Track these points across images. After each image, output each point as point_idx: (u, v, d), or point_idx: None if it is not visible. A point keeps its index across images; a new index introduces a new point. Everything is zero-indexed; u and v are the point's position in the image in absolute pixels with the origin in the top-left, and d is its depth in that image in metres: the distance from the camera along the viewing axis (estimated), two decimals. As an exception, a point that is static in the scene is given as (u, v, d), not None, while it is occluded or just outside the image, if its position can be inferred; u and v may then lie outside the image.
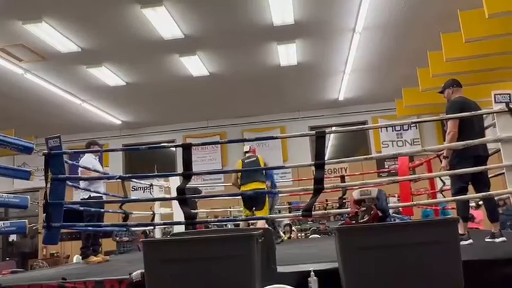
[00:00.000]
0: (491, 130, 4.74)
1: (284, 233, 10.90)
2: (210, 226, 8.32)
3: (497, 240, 4.10)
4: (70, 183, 4.83)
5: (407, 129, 13.02)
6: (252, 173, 6.54)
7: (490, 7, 5.82)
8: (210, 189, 11.39)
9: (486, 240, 4.21)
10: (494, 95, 3.84)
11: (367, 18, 7.76)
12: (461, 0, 6.61)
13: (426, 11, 7.67)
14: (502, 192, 3.97)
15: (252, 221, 6.57)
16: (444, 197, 6.06)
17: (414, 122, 4.60)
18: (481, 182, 4.30)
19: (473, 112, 4.14)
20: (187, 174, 3.94)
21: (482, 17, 5.95)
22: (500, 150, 3.87)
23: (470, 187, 4.41)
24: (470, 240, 4.13)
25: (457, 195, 4.23)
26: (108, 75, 9.75)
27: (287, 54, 9.27)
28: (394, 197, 8.36)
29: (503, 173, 3.89)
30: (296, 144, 12.42)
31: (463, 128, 4.27)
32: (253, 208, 6.51)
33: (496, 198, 4.94)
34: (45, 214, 4.04)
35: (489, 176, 4.90)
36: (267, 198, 6.59)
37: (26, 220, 3.99)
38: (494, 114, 3.88)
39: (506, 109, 3.74)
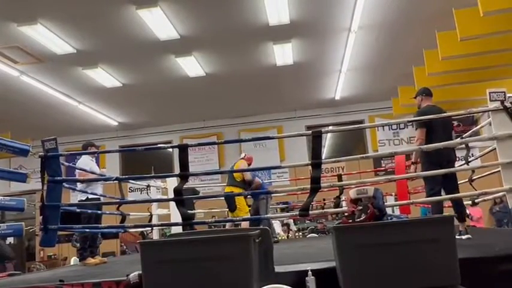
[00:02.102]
0: (486, 128, 4.77)
1: (282, 232, 10.93)
2: (211, 227, 8.33)
3: (463, 237, 4.33)
4: (67, 185, 4.83)
5: (404, 128, 13.05)
6: (228, 178, 7.23)
7: (485, 5, 5.84)
8: (208, 190, 11.38)
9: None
10: (489, 93, 3.85)
11: (363, 17, 7.77)
12: (455, -2, 6.64)
13: (421, 10, 7.69)
14: (498, 190, 3.99)
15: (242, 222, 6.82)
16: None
17: (410, 121, 4.62)
18: (449, 186, 4.53)
19: (473, 110, 4.16)
20: (184, 175, 3.95)
21: (477, 15, 5.97)
22: (495, 149, 3.89)
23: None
24: (468, 236, 4.31)
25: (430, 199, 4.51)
26: (104, 77, 9.73)
27: (283, 53, 9.27)
28: (391, 195, 8.37)
29: (499, 171, 3.91)
30: (293, 144, 12.43)
31: (430, 135, 4.50)
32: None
33: (492, 196, 4.96)
34: (41, 216, 4.03)
35: (485, 174, 4.95)
36: (240, 200, 6.92)
37: (23, 223, 3.99)
38: (490, 112, 3.89)
39: (501, 107, 3.75)
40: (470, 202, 4.76)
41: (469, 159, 4.57)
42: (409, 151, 10.25)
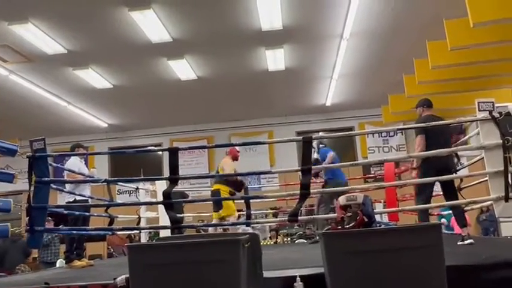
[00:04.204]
0: (474, 137, 4.83)
1: (270, 237, 10.92)
2: (200, 231, 8.30)
3: (466, 242, 4.37)
4: (54, 186, 4.77)
5: (393, 135, 13.14)
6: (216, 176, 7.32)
7: (475, 16, 5.92)
8: (197, 193, 11.33)
9: (458, 243, 4.43)
10: (478, 103, 3.90)
11: (355, 24, 7.83)
12: (446, 9, 6.72)
13: (412, 19, 7.77)
14: (486, 199, 4.03)
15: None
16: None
17: (400, 129, 4.69)
18: (447, 191, 4.65)
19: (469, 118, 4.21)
20: (173, 179, 3.93)
21: (467, 26, 6.04)
22: (483, 158, 3.93)
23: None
24: (471, 240, 4.39)
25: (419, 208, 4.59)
26: (95, 78, 9.67)
27: (275, 59, 9.31)
28: (380, 202, 8.41)
29: (487, 180, 3.95)
30: (283, 149, 12.45)
31: (428, 143, 4.57)
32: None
33: (479, 204, 5.02)
34: (28, 217, 3.98)
35: (473, 183, 5.02)
36: (225, 201, 6.86)
37: (9, 224, 3.93)
38: (478, 122, 3.93)
39: (489, 117, 3.79)
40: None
41: (458, 168, 4.64)
42: (398, 159, 10.34)
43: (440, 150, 4.24)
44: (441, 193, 4.85)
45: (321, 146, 6.79)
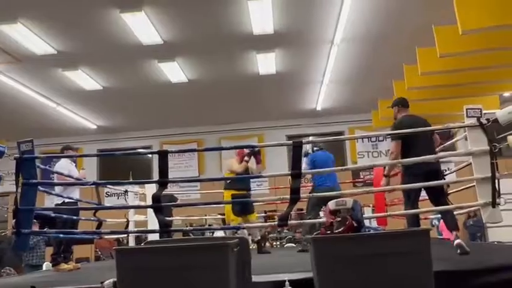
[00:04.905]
0: (462, 143, 4.86)
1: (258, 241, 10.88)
2: (189, 235, 8.26)
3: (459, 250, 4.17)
4: (42, 189, 4.72)
5: (383, 140, 13.22)
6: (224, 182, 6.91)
7: (464, 24, 5.99)
8: (186, 197, 11.28)
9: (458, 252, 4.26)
10: (467, 109, 3.92)
11: (346, 30, 7.89)
12: (436, 16, 6.79)
13: (403, 26, 7.84)
14: (473, 205, 4.06)
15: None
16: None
17: (389, 134, 4.68)
18: (435, 193, 4.46)
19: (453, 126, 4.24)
20: (163, 182, 3.90)
21: (456, 33, 6.11)
22: (471, 164, 3.97)
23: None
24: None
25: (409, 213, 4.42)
26: (84, 79, 9.60)
27: (266, 63, 9.33)
28: (369, 207, 8.44)
29: (474, 185, 3.98)
30: (274, 153, 12.44)
31: (408, 146, 4.41)
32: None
33: (467, 210, 5.06)
34: (14, 220, 3.93)
35: (461, 188, 5.04)
36: (227, 207, 6.62)
37: (-5, 226, 3.88)
38: (466, 128, 3.97)
39: (477, 124, 3.82)
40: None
41: (445, 173, 4.62)
42: (388, 164, 10.38)
43: (427, 157, 4.17)
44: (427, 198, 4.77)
45: (315, 148, 6.67)
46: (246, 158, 6.32)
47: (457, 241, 4.17)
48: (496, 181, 3.70)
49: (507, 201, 3.71)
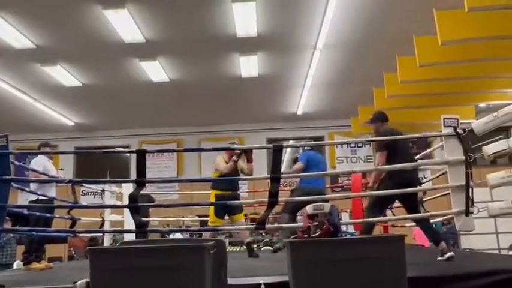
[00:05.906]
0: (439, 152, 4.95)
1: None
2: (165, 236, 8.16)
3: (446, 256, 4.22)
4: (15, 185, 4.61)
5: (362, 147, 13.40)
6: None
7: (443, 35, 6.12)
8: (164, 197, 11.19)
9: (438, 259, 4.28)
10: (444, 119, 3.99)
11: (328, 36, 7.96)
12: (417, 26, 6.91)
13: (384, 34, 7.96)
14: (447, 213, 4.14)
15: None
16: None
17: (369, 141, 4.74)
18: (409, 207, 4.54)
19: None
20: (140, 182, 3.86)
21: (436, 44, 6.24)
22: (446, 172, 4.04)
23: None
24: (451, 253, 4.24)
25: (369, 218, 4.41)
26: (63, 75, 9.43)
27: (248, 65, 9.34)
28: (346, 212, 8.52)
29: (449, 193, 4.05)
30: (253, 156, 12.43)
31: (393, 157, 4.44)
32: None
33: (441, 218, 5.14)
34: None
35: (436, 195, 5.13)
36: (210, 209, 6.36)
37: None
38: (443, 137, 4.04)
39: (454, 133, 3.90)
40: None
41: (422, 181, 4.68)
42: (366, 170, 10.50)
43: (405, 165, 4.26)
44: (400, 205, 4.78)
45: (306, 148, 6.62)
46: (234, 158, 6.17)
47: (449, 254, 4.21)
48: (470, 190, 3.78)
49: (480, 210, 3.78)
